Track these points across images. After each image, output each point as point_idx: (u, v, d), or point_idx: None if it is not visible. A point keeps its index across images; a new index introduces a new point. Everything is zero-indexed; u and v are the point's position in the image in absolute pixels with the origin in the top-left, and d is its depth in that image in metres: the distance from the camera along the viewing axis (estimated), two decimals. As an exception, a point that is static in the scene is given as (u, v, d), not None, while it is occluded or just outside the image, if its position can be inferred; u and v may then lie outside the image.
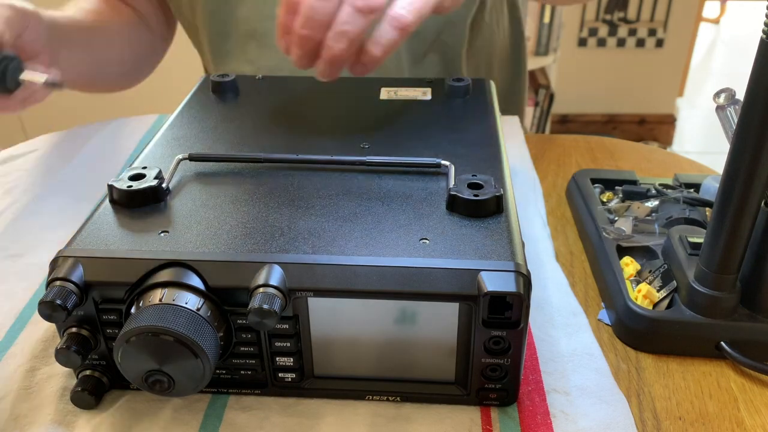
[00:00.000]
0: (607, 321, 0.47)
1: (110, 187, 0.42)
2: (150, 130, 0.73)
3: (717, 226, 0.41)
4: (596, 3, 2.44)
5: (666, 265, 0.47)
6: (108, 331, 0.38)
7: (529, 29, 2.14)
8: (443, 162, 0.45)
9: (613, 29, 2.46)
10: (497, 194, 0.40)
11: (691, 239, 0.47)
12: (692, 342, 0.44)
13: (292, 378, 0.39)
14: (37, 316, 0.47)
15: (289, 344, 0.38)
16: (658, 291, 0.46)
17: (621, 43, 2.48)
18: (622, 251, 0.51)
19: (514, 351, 0.37)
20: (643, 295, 0.46)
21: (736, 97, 0.44)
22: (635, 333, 0.45)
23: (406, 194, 0.43)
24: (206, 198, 0.42)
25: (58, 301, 0.34)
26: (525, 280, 0.35)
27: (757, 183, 0.38)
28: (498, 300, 0.35)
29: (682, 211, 0.52)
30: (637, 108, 2.59)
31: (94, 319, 0.37)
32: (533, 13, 2.12)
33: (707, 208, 0.53)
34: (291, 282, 0.36)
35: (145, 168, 0.44)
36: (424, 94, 0.59)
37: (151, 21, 0.85)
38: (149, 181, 0.42)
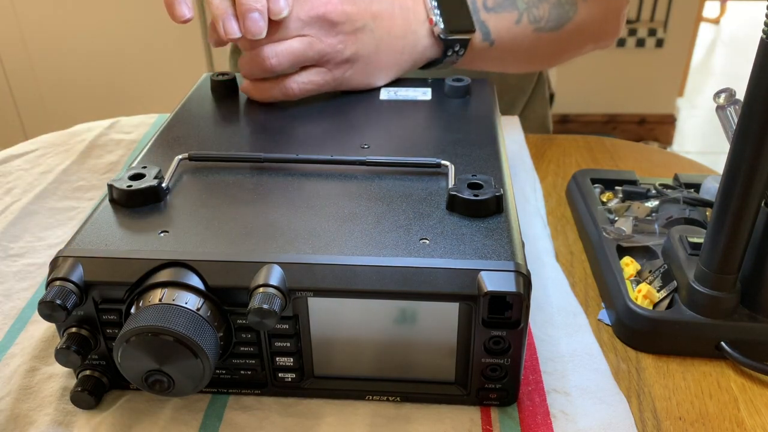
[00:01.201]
0: (607, 321, 0.47)
1: (110, 187, 0.42)
2: (150, 130, 0.73)
3: (717, 226, 0.41)
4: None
5: (666, 265, 0.47)
6: (108, 331, 0.38)
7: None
8: (443, 162, 0.45)
9: (613, 29, 2.46)
10: (497, 194, 0.40)
11: (691, 239, 0.47)
12: (692, 342, 0.44)
13: (292, 378, 0.39)
14: (37, 315, 0.47)
15: (289, 344, 0.38)
16: (658, 291, 0.46)
17: (621, 43, 2.48)
18: (622, 251, 0.51)
19: (514, 351, 0.37)
20: (643, 295, 0.46)
21: (736, 97, 0.44)
22: (635, 333, 0.45)
23: (406, 194, 0.43)
24: (206, 198, 0.42)
25: (58, 301, 0.34)
26: (525, 280, 0.35)
27: (757, 183, 0.38)
28: (498, 300, 0.35)
29: (682, 211, 0.52)
30: (637, 108, 2.59)
31: (94, 319, 0.37)
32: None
33: (707, 208, 0.53)
34: (291, 282, 0.36)
35: (144, 168, 0.44)
36: (424, 94, 0.59)
37: None
38: (149, 181, 0.42)
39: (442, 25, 0.58)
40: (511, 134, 0.71)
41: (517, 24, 0.63)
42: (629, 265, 0.49)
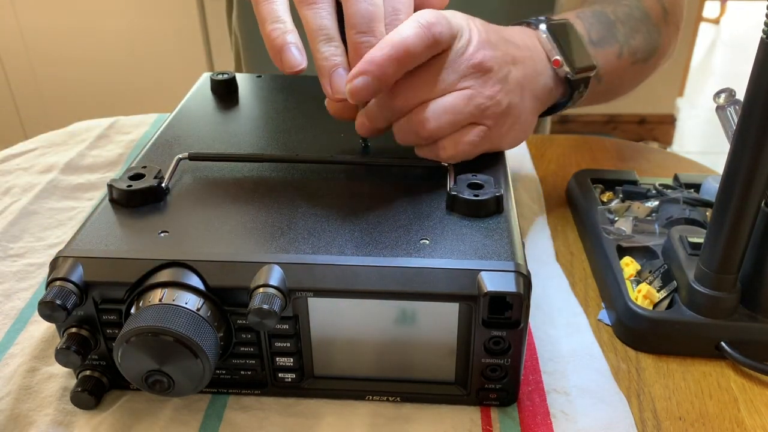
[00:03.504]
0: (607, 321, 0.47)
1: (110, 187, 0.42)
2: (149, 130, 0.73)
3: (717, 226, 0.41)
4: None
5: (666, 265, 0.47)
6: (108, 331, 0.38)
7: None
8: (443, 162, 0.45)
9: (613, 29, 2.46)
10: (497, 194, 0.40)
11: (691, 239, 0.47)
12: (692, 342, 0.44)
13: (292, 378, 0.39)
14: (37, 316, 0.47)
15: (289, 344, 0.38)
16: (658, 291, 0.46)
17: (621, 42, 2.47)
18: (622, 251, 0.51)
19: (514, 351, 0.37)
20: (643, 295, 0.46)
21: (736, 97, 0.44)
22: (635, 333, 0.45)
23: (406, 194, 0.43)
24: (206, 198, 0.42)
25: (58, 301, 0.34)
26: (525, 280, 0.35)
27: (757, 183, 0.38)
28: (498, 300, 0.35)
29: (682, 211, 0.52)
30: (637, 108, 2.59)
31: (94, 319, 0.37)
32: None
33: (707, 208, 0.53)
34: (291, 282, 0.36)
35: (144, 167, 0.44)
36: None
37: None
38: (149, 181, 0.42)
39: (567, 66, 0.51)
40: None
41: (618, 58, 0.59)
42: (629, 265, 0.49)
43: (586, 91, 0.55)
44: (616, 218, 0.54)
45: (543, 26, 0.52)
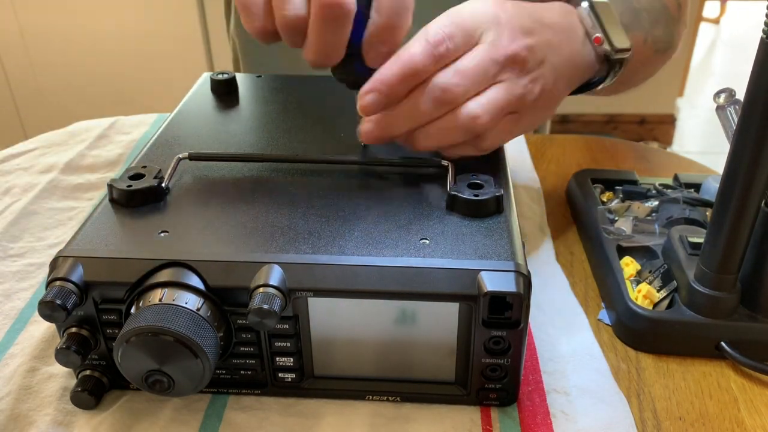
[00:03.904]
0: (607, 321, 0.47)
1: (110, 187, 0.42)
2: (149, 130, 0.73)
3: (717, 226, 0.41)
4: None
5: (666, 265, 0.47)
6: (108, 331, 0.38)
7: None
8: (443, 162, 0.45)
9: (613, 29, 2.45)
10: (497, 194, 0.40)
11: (691, 239, 0.47)
12: (692, 342, 0.44)
13: (292, 378, 0.39)
14: (37, 316, 0.47)
15: (289, 344, 0.38)
16: (658, 291, 0.46)
17: (621, 42, 2.47)
18: (622, 251, 0.51)
19: (514, 351, 0.37)
20: (643, 295, 0.46)
21: (736, 97, 0.44)
22: (635, 333, 0.45)
23: (406, 194, 0.43)
24: (206, 198, 0.42)
25: (58, 301, 0.34)
26: (525, 280, 0.35)
27: (757, 183, 0.38)
28: (498, 300, 0.35)
29: (682, 211, 0.52)
30: (637, 108, 2.59)
31: (94, 319, 0.37)
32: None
33: (707, 208, 0.53)
34: (291, 282, 0.36)
35: (144, 167, 0.44)
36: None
37: None
38: (149, 181, 0.42)
39: (607, 45, 0.51)
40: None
41: (644, 45, 0.58)
42: (629, 265, 0.49)
43: (620, 71, 0.54)
44: (616, 218, 0.54)
45: (585, 3, 0.52)
